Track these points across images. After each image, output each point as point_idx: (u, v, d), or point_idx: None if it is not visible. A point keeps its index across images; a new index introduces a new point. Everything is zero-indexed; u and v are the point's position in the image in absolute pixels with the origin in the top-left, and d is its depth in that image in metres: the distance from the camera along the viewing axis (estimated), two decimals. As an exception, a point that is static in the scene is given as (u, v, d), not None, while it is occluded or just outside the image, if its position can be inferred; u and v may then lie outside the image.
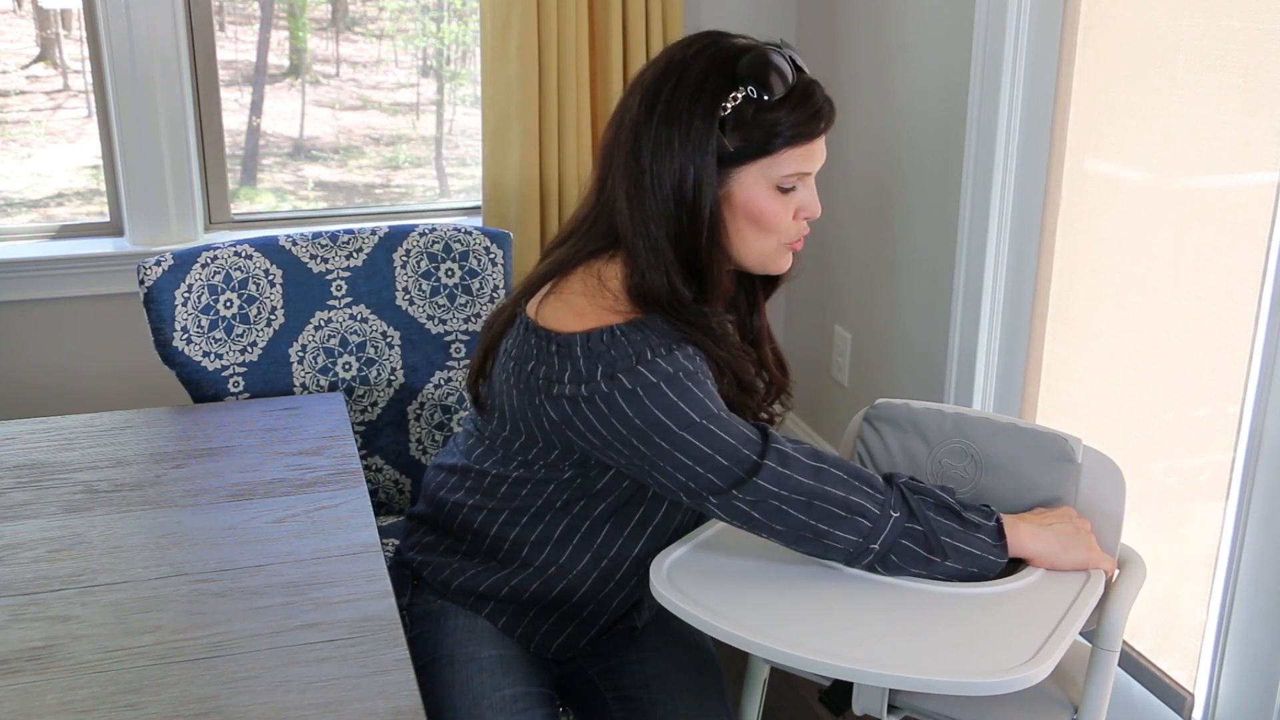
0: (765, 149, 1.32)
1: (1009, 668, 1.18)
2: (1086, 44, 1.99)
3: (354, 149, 2.95)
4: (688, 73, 1.33)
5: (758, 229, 1.36)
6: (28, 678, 1.11)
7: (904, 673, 1.18)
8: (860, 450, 1.60)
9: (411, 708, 1.08)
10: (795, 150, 1.33)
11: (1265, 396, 1.62)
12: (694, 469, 1.30)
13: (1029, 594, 1.33)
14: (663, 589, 1.32)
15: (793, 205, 1.37)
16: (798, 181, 1.36)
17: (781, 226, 1.37)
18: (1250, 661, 1.69)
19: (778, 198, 1.35)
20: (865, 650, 1.21)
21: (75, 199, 2.81)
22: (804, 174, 1.36)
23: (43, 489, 1.48)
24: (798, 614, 1.27)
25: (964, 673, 1.18)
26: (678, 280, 1.35)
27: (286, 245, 1.87)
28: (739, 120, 1.31)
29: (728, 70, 1.31)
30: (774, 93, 1.31)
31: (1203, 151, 1.76)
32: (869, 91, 2.60)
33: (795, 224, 1.38)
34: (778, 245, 1.39)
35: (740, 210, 1.35)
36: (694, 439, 1.29)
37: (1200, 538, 1.81)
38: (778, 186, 1.34)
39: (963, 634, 1.25)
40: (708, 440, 1.29)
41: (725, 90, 1.31)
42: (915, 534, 1.31)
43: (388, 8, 2.93)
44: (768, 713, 1.63)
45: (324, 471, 1.53)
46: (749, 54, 1.32)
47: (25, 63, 2.82)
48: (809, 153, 1.35)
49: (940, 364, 2.39)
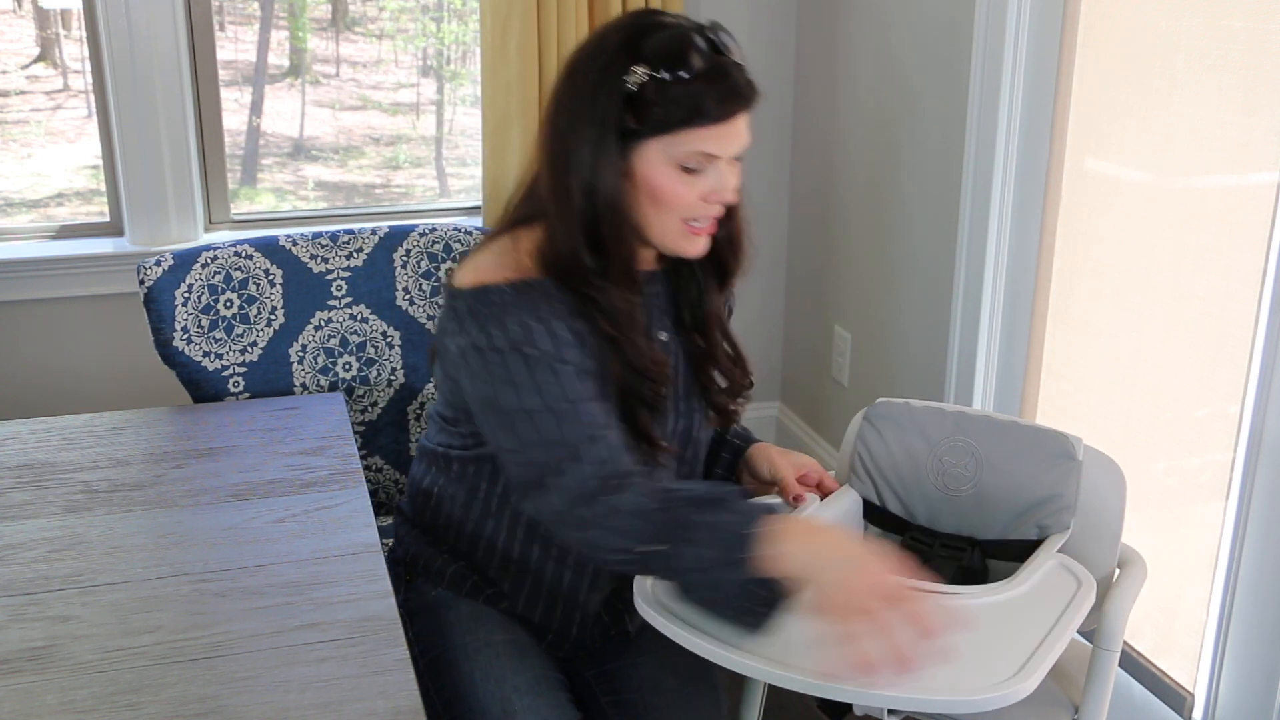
0: (664, 127, 1.33)
1: (995, 683, 1.17)
2: (1086, 44, 1.99)
3: (354, 149, 2.95)
4: (604, 48, 1.36)
5: (657, 206, 1.37)
6: (28, 678, 1.11)
7: (894, 691, 1.15)
8: (860, 450, 1.60)
9: (411, 708, 1.08)
10: (698, 131, 1.33)
11: (1265, 396, 1.62)
12: (509, 452, 1.34)
13: (1018, 604, 1.31)
14: (646, 605, 1.30)
15: (700, 187, 1.36)
16: (705, 163, 1.35)
17: (681, 206, 1.37)
18: (1250, 661, 1.69)
19: (680, 177, 1.35)
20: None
21: (75, 199, 2.81)
22: (710, 155, 1.35)
23: (43, 489, 1.47)
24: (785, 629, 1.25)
25: (953, 690, 1.17)
26: (584, 251, 1.37)
27: (286, 245, 1.87)
28: (643, 97, 1.32)
29: (638, 47, 1.33)
30: (678, 72, 1.32)
31: (1203, 151, 1.76)
32: (869, 91, 2.60)
33: (701, 206, 1.38)
34: (680, 226, 1.39)
35: (642, 186, 1.36)
36: (516, 422, 1.32)
37: (1200, 538, 1.81)
38: (681, 166, 1.35)
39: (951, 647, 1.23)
40: (523, 429, 1.32)
41: (632, 67, 1.33)
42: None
43: (388, 8, 2.93)
44: (767, 713, 1.63)
45: (324, 471, 1.53)
46: (663, 32, 1.34)
47: (25, 63, 2.82)
48: (716, 135, 1.34)
49: (940, 364, 2.39)
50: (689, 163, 1.35)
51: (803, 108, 2.89)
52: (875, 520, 1.60)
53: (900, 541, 1.58)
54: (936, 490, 1.56)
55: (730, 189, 1.38)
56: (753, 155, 1.40)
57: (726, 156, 1.36)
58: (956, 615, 1.16)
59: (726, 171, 1.37)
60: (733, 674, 1.27)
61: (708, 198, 1.37)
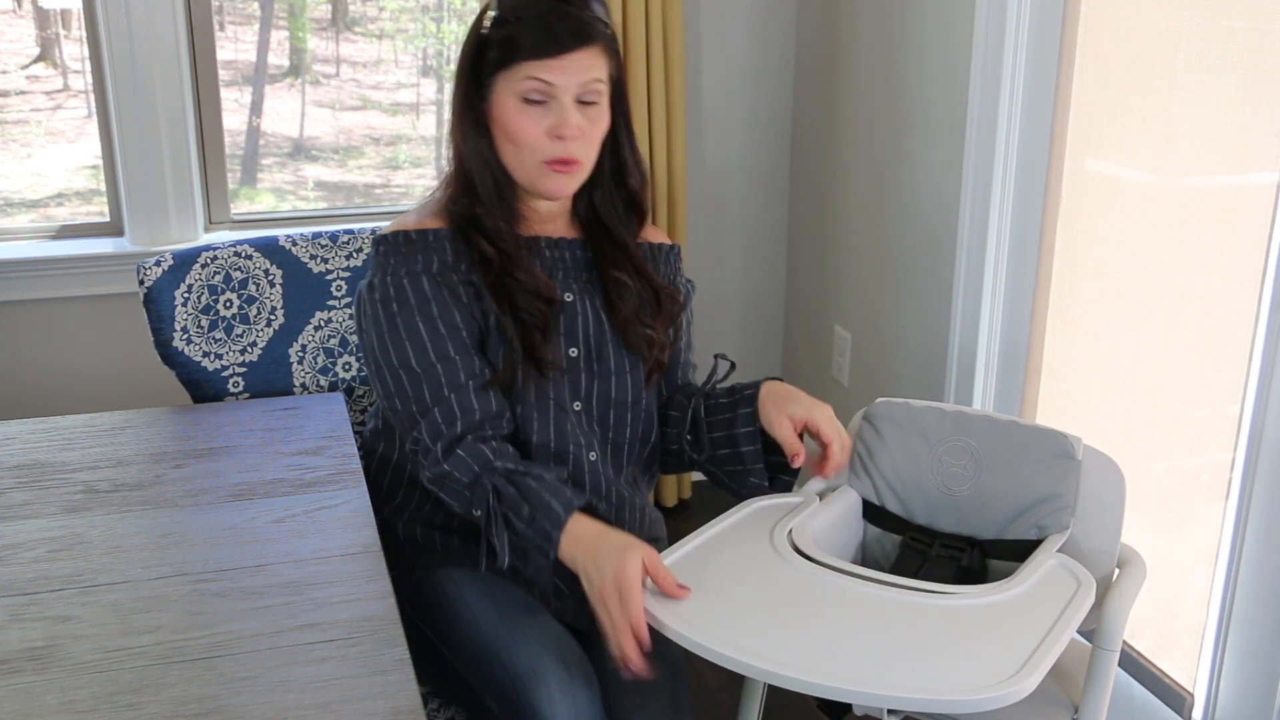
0: (504, 62, 1.44)
1: (995, 683, 1.17)
2: (1086, 44, 1.99)
3: (354, 149, 2.95)
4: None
5: (511, 143, 1.47)
6: (28, 678, 1.11)
7: (894, 692, 1.16)
8: (860, 449, 1.60)
9: (411, 708, 1.08)
10: (533, 62, 1.43)
11: (1265, 396, 1.62)
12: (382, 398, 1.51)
13: (1018, 604, 1.32)
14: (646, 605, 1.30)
15: (545, 122, 1.45)
16: (545, 94, 1.44)
17: (530, 141, 1.46)
18: (1250, 661, 1.69)
19: (525, 110, 1.45)
20: (855, 668, 1.19)
21: (75, 199, 2.81)
22: (547, 84, 1.43)
23: (43, 489, 1.47)
24: (783, 629, 1.25)
25: (953, 690, 1.17)
26: (468, 196, 1.50)
27: (286, 245, 1.87)
28: (489, 39, 1.46)
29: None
30: (517, 9, 1.45)
31: (1203, 151, 1.76)
32: (869, 91, 2.60)
33: (548, 143, 1.46)
34: (535, 163, 1.48)
35: (497, 125, 1.48)
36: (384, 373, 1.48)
37: (1200, 538, 1.81)
38: (523, 98, 1.44)
39: (951, 647, 1.23)
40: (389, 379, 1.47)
41: (485, 10, 1.47)
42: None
43: (388, 8, 2.94)
44: (767, 713, 1.63)
45: (324, 471, 1.53)
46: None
47: (25, 63, 2.83)
48: (551, 66, 1.43)
49: (940, 364, 2.39)
50: (530, 94, 1.44)
51: (802, 107, 2.89)
52: (875, 520, 1.60)
53: (900, 541, 1.58)
54: (936, 490, 1.56)
55: (568, 124, 1.44)
56: (753, 155, 1.41)
57: (567, 90, 1.44)
58: (650, 616, 1.27)
59: (571, 107, 1.45)
60: (732, 674, 1.27)
61: (552, 132, 1.45)
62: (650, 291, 1.59)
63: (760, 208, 2.99)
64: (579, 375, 1.55)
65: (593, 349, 1.56)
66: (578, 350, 1.55)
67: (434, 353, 1.46)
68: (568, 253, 1.58)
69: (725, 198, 2.95)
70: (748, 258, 3.02)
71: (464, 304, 1.49)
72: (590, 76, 1.45)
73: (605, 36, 1.47)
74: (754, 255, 3.03)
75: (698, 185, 2.90)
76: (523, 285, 1.48)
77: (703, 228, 2.93)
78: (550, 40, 1.43)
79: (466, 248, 1.50)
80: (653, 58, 2.65)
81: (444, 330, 1.47)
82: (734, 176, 2.94)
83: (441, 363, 1.46)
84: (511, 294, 1.48)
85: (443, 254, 1.50)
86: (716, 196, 2.94)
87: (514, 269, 1.49)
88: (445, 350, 1.47)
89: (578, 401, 1.55)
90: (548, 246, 1.56)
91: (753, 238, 3.01)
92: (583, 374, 1.56)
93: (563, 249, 1.57)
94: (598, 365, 1.56)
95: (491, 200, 1.50)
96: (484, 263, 1.49)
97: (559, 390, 1.53)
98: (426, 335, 1.46)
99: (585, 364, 1.56)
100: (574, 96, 1.45)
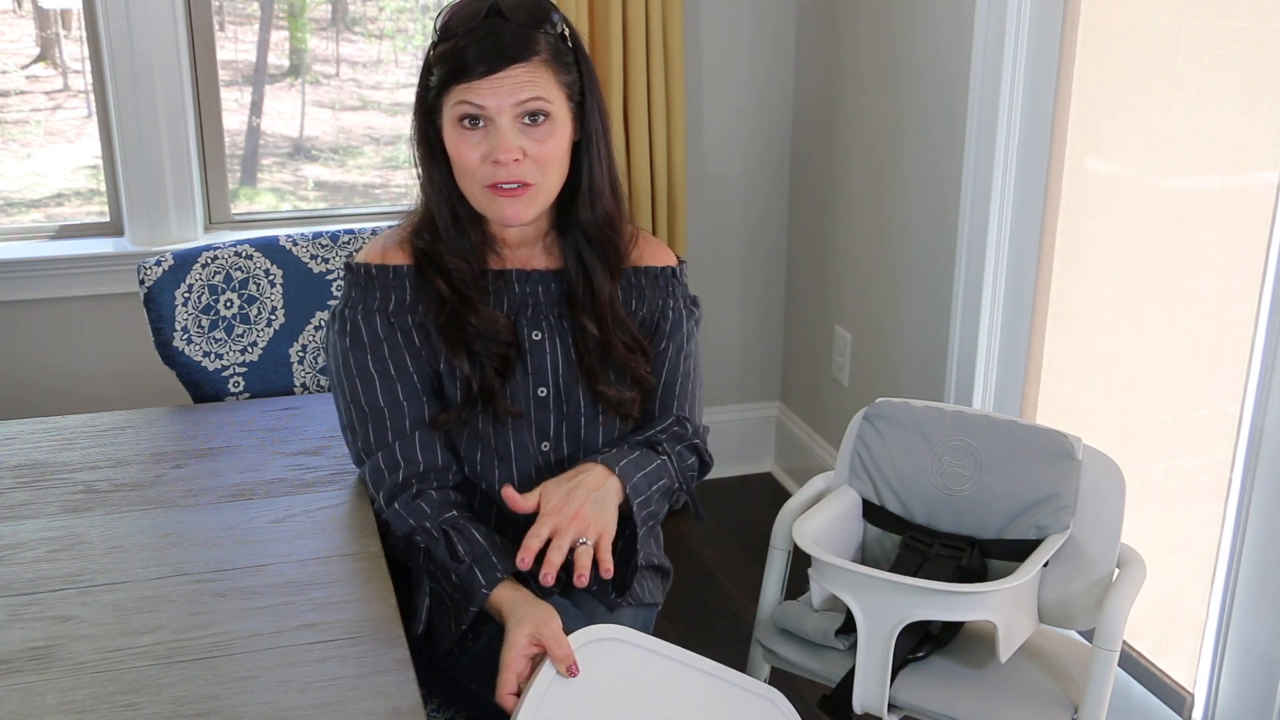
0: (443, 84, 1.39)
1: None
2: (1086, 44, 1.99)
3: (353, 149, 2.95)
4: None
5: (456, 168, 1.43)
6: (28, 678, 1.11)
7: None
8: (860, 449, 1.60)
9: (411, 708, 1.08)
10: (463, 85, 1.38)
11: (1265, 396, 1.62)
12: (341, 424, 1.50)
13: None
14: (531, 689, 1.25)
15: (482, 147, 1.39)
16: (478, 116, 1.38)
17: (469, 168, 1.41)
18: (1250, 661, 1.69)
19: (463, 135, 1.40)
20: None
21: (75, 199, 2.81)
22: (478, 107, 1.37)
23: (43, 489, 1.47)
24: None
25: None
26: (444, 224, 1.46)
27: (286, 245, 1.87)
28: (431, 65, 1.41)
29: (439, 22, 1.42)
30: (446, 33, 1.39)
31: (1203, 151, 1.76)
32: (869, 91, 2.60)
33: (487, 168, 1.40)
34: (480, 189, 1.42)
35: (445, 149, 1.43)
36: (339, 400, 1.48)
37: (1200, 538, 1.81)
38: (459, 122, 1.39)
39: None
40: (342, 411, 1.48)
41: (432, 42, 1.43)
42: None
43: (387, 8, 2.94)
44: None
45: (324, 471, 1.53)
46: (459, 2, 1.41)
47: (25, 63, 2.83)
48: (480, 88, 1.37)
49: (940, 364, 2.39)
50: (464, 118, 1.39)
51: (803, 107, 2.89)
52: (874, 520, 1.61)
53: (900, 541, 1.58)
54: (936, 490, 1.56)
55: (503, 149, 1.38)
56: (753, 155, 1.39)
57: (501, 112, 1.37)
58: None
59: (508, 129, 1.37)
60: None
61: (488, 158, 1.39)
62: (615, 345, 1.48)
63: (760, 207, 2.99)
64: (548, 416, 1.48)
65: (562, 391, 1.48)
66: (546, 390, 1.47)
67: (382, 395, 1.44)
68: (540, 287, 1.49)
69: (725, 198, 2.95)
70: (748, 257, 3.02)
71: (416, 347, 1.45)
72: (526, 95, 1.36)
73: (548, 49, 1.38)
74: (754, 255, 3.03)
75: (698, 186, 2.90)
76: (478, 330, 1.43)
77: (703, 228, 2.93)
78: (479, 59, 1.35)
79: (426, 285, 1.45)
80: (653, 59, 2.65)
81: (393, 372, 1.44)
82: (734, 176, 2.94)
83: (389, 408, 1.44)
84: (468, 338, 1.43)
85: (401, 293, 1.46)
86: (717, 197, 2.94)
87: (469, 312, 1.43)
88: (394, 394, 1.44)
89: (546, 442, 1.48)
90: (518, 280, 1.49)
91: (753, 237, 3.01)
92: (551, 415, 1.48)
93: (534, 283, 1.49)
94: (566, 407, 1.48)
95: (450, 235, 1.45)
96: (439, 304, 1.44)
97: (522, 434, 1.46)
98: (376, 376, 1.44)
99: (555, 404, 1.48)
100: (512, 117, 1.37)
